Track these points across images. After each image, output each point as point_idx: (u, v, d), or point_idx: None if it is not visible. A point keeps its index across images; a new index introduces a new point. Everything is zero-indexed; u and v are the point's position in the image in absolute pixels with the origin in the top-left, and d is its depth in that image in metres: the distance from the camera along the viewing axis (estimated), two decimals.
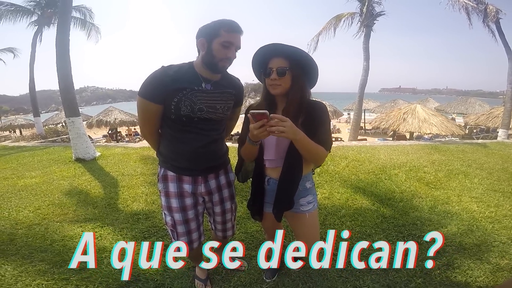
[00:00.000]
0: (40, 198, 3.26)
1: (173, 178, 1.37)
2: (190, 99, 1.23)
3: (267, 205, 1.43)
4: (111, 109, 13.77)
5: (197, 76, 1.25)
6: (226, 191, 1.51)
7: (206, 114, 1.28)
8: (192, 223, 1.43)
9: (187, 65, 1.28)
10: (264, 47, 1.20)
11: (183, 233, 1.42)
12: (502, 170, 4.25)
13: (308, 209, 1.39)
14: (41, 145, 7.60)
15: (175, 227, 1.41)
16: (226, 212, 1.55)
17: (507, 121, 8.48)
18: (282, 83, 1.19)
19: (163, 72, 1.21)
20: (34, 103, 12.60)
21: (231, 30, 1.18)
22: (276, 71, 1.17)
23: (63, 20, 5.19)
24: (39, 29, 12.12)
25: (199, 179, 1.39)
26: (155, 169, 4.34)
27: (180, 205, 1.38)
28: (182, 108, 1.22)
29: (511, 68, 8.48)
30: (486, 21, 8.54)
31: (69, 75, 5.15)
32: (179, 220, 1.39)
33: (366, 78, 10.12)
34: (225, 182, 1.51)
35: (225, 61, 1.22)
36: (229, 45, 1.19)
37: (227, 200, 1.53)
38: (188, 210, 1.40)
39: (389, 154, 5.34)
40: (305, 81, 1.24)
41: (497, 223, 2.54)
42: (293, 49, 1.17)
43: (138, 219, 2.65)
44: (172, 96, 1.21)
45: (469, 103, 16.88)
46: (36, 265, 1.99)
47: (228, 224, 1.60)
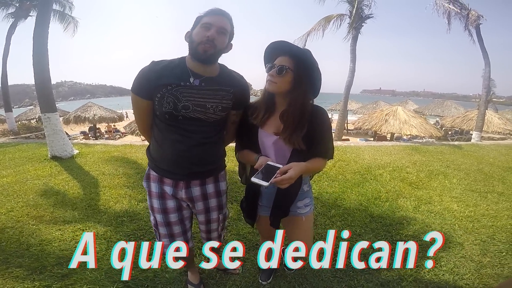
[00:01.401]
0: (12, 199, 3.03)
1: (155, 178, 1.31)
2: (173, 95, 1.14)
3: (262, 208, 1.39)
4: (90, 104, 13.25)
5: (186, 71, 1.17)
6: (213, 200, 1.39)
7: (193, 113, 1.17)
8: (175, 226, 1.36)
9: (178, 60, 1.21)
10: (275, 42, 1.18)
11: (165, 234, 1.37)
12: (478, 171, 4.49)
13: (305, 212, 1.36)
14: (13, 141, 7.11)
15: (157, 227, 1.37)
16: (211, 221, 1.45)
17: (481, 123, 8.96)
18: (278, 81, 1.14)
19: (151, 67, 1.16)
20: (6, 98, 11.84)
21: (210, 13, 1.13)
22: (277, 68, 1.13)
23: (43, 12, 4.91)
24: (15, 22, 11.44)
25: (180, 184, 1.30)
26: (138, 168, 4.18)
27: (161, 206, 1.32)
28: (164, 104, 1.14)
29: (487, 72, 8.95)
30: (467, 25, 8.89)
31: (46, 69, 4.87)
32: (161, 221, 1.34)
33: (352, 79, 10.32)
34: (214, 191, 1.38)
35: (205, 43, 1.11)
36: (208, 26, 1.11)
37: (213, 210, 1.41)
38: (169, 213, 1.33)
39: (373, 154, 5.48)
40: (307, 87, 1.17)
41: (476, 222, 2.66)
42: (301, 51, 1.13)
43: (122, 221, 2.53)
44: (156, 91, 1.15)
45: (445, 105, 17.74)
46: (13, 271, 1.84)
47: (213, 234, 1.51)
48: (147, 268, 1.84)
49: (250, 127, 1.27)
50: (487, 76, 9.03)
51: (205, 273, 1.85)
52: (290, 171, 1.06)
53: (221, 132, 1.34)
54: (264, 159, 1.15)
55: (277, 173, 1.06)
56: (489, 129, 11.80)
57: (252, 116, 1.25)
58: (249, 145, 1.28)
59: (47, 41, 4.84)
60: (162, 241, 1.39)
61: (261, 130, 1.25)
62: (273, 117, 1.24)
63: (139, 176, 3.79)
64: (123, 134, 14.42)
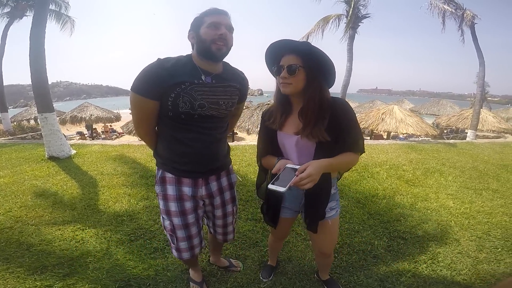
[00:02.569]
0: (10, 199, 3.01)
1: (172, 180, 1.28)
2: (189, 94, 1.12)
3: (284, 210, 1.37)
4: (87, 104, 13.16)
5: (196, 68, 1.15)
6: (228, 193, 1.44)
7: (208, 111, 1.17)
8: (193, 227, 1.35)
9: (185, 57, 1.19)
10: (275, 43, 1.12)
11: (183, 238, 1.34)
12: (473, 168, 4.55)
13: (332, 215, 1.31)
14: (9, 142, 7.04)
15: (174, 231, 1.33)
16: (228, 215, 1.48)
17: (476, 122, 9.09)
18: (293, 81, 1.10)
19: (159, 64, 1.11)
20: (2, 98, 11.72)
21: (213, 12, 1.12)
22: (286, 68, 1.09)
23: (40, 12, 4.87)
24: (10, 22, 11.33)
25: (200, 182, 1.31)
26: (137, 168, 4.17)
27: (179, 209, 1.29)
28: (180, 104, 1.12)
29: (482, 72, 9.06)
30: (461, 25, 8.98)
31: (43, 69, 4.84)
32: (179, 224, 1.31)
33: (348, 79, 10.39)
34: (227, 184, 1.43)
35: (218, 41, 1.10)
36: (217, 25, 1.11)
37: (228, 202, 1.45)
38: (188, 214, 1.32)
39: (369, 152, 5.52)
40: (321, 80, 1.13)
41: (472, 219, 2.71)
42: (305, 45, 1.09)
43: (122, 221, 2.53)
44: (170, 91, 1.10)
45: (441, 104, 17.89)
46: (14, 271, 1.84)
47: (229, 228, 1.54)
48: (148, 267, 1.86)
49: (268, 132, 1.25)
50: (481, 75, 9.14)
51: (206, 271, 1.86)
52: (308, 168, 1.00)
53: (228, 126, 1.38)
54: (283, 162, 1.11)
55: (296, 174, 1.00)
56: (484, 127, 11.95)
57: (270, 121, 1.23)
58: (271, 150, 1.26)
59: (44, 41, 4.81)
60: (180, 245, 1.36)
61: (280, 133, 1.22)
62: (291, 118, 1.21)
63: (137, 175, 3.79)
64: (119, 134, 14.36)
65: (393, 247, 2.18)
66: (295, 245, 2.18)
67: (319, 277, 1.77)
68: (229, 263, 1.90)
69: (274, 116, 1.22)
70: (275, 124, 1.21)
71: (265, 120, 1.26)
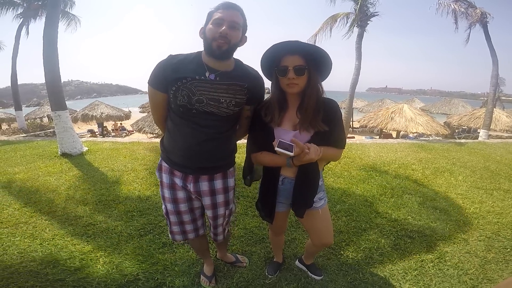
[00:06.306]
0: (25, 195, 3.12)
1: (167, 169, 1.37)
2: (188, 89, 1.16)
3: (279, 205, 1.42)
4: (97, 103, 13.42)
5: (202, 65, 1.18)
6: (221, 196, 1.40)
7: (206, 107, 1.19)
8: (185, 215, 1.44)
9: (195, 54, 1.22)
10: (279, 45, 1.15)
11: (175, 222, 1.45)
12: (484, 168, 4.46)
13: (320, 205, 1.40)
14: (23, 139, 7.28)
15: (168, 215, 1.45)
16: (218, 217, 1.47)
17: (488, 122, 8.86)
18: (300, 82, 1.16)
19: (168, 60, 1.19)
20: (16, 97, 12.08)
21: (221, 7, 1.13)
22: (294, 69, 1.13)
23: (52, 13, 5.01)
24: (23, 22, 11.65)
25: (189, 178, 1.34)
26: (146, 164, 4.26)
27: (171, 196, 1.39)
28: (178, 97, 1.17)
29: (495, 71, 8.82)
30: (473, 24, 8.78)
31: (57, 68, 4.98)
32: (171, 210, 1.41)
33: (357, 77, 10.26)
34: (221, 188, 1.39)
35: (218, 39, 1.11)
36: (220, 22, 1.11)
37: (220, 206, 1.42)
38: (180, 203, 1.40)
39: (378, 151, 5.47)
40: (319, 78, 1.23)
41: (481, 219, 2.66)
42: (311, 47, 1.15)
43: (132, 216, 2.60)
44: (171, 85, 1.17)
45: (452, 104, 17.47)
46: (27, 265, 1.91)
47: (219, 229, 1.54)
48: (157, 261, 1.91)
49: (264, 128, 1.27)
50: (494, 74, 8.90)
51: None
52: (311, 145, 1.11)
53: (233, 128, 1.35)
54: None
55: (293, 146, 1.09)
56: (497, 127, 11.62)
57: (266, 117, 1.26)
58: (266, 146, 1.26)
59: (56, 40, 4.95)
60: (172, 228, 1.48)
61: (278, 129, 1.25)
62: (288, 114, 1.27)
63: (147, 172, 3.87)
64: (129, 132, 14.60)
65: (400, 245, 2.18)
66: (301, 242, 2.20)
67: (301, 262, 1.86)
68: (236, 259, 1.93)
69: (272, 114, 1.25)
70: (274, 121, 1.25)
71: (261, 115, 1.28)
